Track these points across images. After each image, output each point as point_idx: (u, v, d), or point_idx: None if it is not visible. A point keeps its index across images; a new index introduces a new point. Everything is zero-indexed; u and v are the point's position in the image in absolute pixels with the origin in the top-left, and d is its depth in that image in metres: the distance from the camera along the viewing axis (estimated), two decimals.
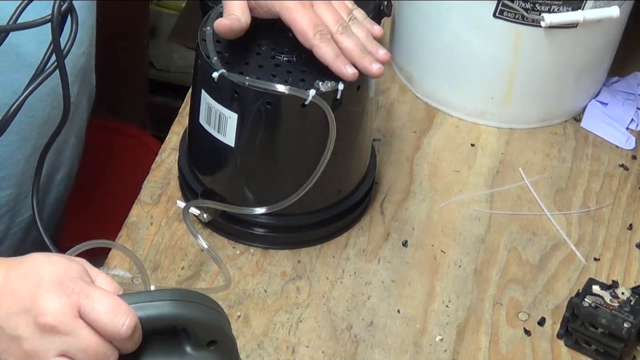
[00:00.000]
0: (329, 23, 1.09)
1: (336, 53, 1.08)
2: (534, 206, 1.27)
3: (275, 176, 1.14)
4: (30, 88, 0.97)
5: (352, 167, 1.19)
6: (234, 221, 1.17)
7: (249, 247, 1.18)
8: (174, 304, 0.82)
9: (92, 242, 0.97)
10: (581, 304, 1.10)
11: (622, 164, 1.34)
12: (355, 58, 1.09)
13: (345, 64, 1.08)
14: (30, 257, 0.84)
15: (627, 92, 1.42)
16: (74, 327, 0.80)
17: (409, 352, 1.10)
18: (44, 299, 0.80)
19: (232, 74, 1.08)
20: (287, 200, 1.12)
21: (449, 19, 1.31)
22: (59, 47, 0.95)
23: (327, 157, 1.10)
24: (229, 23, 1.08)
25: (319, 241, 1.20)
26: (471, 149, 1.34)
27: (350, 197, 1.20)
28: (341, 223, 1.20)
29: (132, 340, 0.81)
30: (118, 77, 1.97)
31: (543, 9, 1.25)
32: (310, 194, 1.12)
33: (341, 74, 1.08)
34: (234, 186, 1.16)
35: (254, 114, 1.09)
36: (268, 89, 1.07)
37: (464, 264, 1.20)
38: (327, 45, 1.08)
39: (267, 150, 1.13)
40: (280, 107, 1.09)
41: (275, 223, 1.17)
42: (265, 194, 1.15)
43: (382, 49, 1.11)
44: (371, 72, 1.09)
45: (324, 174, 1.11)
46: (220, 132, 1.12)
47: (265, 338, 1.10)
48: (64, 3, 0.95)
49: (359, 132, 1.16)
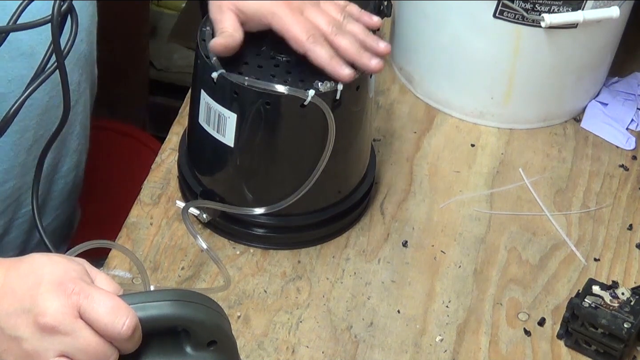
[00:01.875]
0: (322, 25, 1.09)
1: (330, 55, 1.08)
2: (534, 206, 1.27)
3: (274, 176, 1.14)
4: (31, 89, 0.97)
5: (351, 167, 1.19)
6: (233, 221, 1.17)
7: (249, 248, 1.18)
8: (174, 304, 0.82)
9: (91, 243, 0.97)
10: (581, 304, 1.10)
11: (622, 164, 1.34)
12: (353, 56, 1.09)
13: (341, 65, 1.08)
14: (30, 257, 0.84)
15: (627, 92, 1.42)
16: (74, 328, 0.80)
17: (409, 352, 1.10)
18: (44, 299, 0.80)
19: (231, 74, 1.08)
20: (286, 201, 1.12)
21: (449, 19, 1.31)
22: (59, 48, 0.96)
23: (326, 158, 1.10)
24: (224, 41, 1.09)
25: (319, 241, 1.20)
26: (471, 149, 1.34)
27: (350, 197, 1.20)
28: (341, 223, 1.20)
29: (132, 341, 0.81)
30: (118, 77, 1.96)
31: (543, 9, 1.25)
32: (310, 194, 1.12)
33: (337, 75, 1.08)
34: (233, 186, 1.16)
35: (253, 114, 1.09)
36: (267, 89, 1.07)
37: (464, 264, 1.20)
38: (321, 48, 1.08)
39: (266, 150, 1.13)
40: (279, 107, 1.09)
41: (275, 223, 1.17)
42: (264, 194, 1.14)
43: (382, 42, 1.11)
44: (371, 68, 1.09)
45: (323, 174, 1.12)
46: (220, 132, 1.12)
47: (265, 338, 1.10)
48: (64, 3, 0.95)
49: (358, 132, 1.16)
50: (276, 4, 1.09)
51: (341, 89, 1.08)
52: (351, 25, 1.11)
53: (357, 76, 1.10)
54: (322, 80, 1.08)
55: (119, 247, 1.09)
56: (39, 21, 0.95)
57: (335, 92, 1.08)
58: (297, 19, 1.09)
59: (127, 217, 1.20)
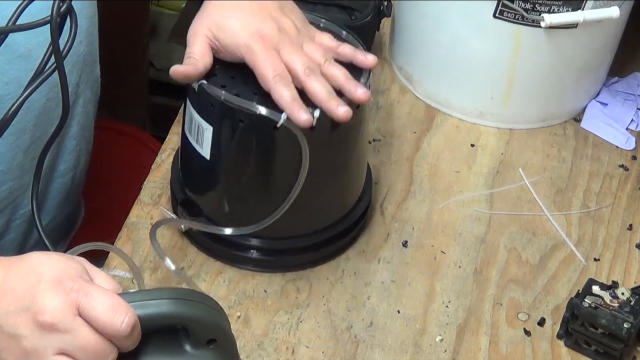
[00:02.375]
0: (295, 66, 1.06)
1: (292, 97, 1.04)
2: (533, 206, 1.27)
3: (248, 196, 1.11)
4: (30, 89, 0.97)
5: (340, 192, 1.15)
6: (218, 241, 1.14)
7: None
8: (173, 303, 0.82)
9: (89, 245, 0.97)
10: (581, 304, 1.10)
11: (622, 164, 1.34)
12: (321, 101, 1.05)
13: (299, 109, 1.03)
14: (30, 255, 0.84)
15: (627, 92, 1.42)
16: (73, 325, 0.80)
17: (409, 353, 1.10)
18: (43, 297, 0.80)
19: (211, 86, 1.06)
20: (257, 225, 1.08)
21: (448, 19, 1.31)
22: (58, 49, 0.95)
23: (300, 183, 1.05)
24: (184, 70, 1.07)
25: (311, 265, 1.16)
26: (471, 149, 1.34)
27: (343, 220, 1.16)
28: (334, 246, 1.17)
29: (131, 339, 0.81)
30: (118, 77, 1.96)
31: (543, 10, 1.25)
32: (294, 218, 1.09)
33: (294, 119, 1.03)
34: (210, 200, 1.13)
35: (227, 130, 1.06)
36: (242, 106, 1.04)
37: (464, 264, 1.20)
38: (283, 88, 1.04)
39: (239, 168, 1.10)
40: (252, 126, 1.05)
41: (263, 245, 1.14)
42: (238, 214, 1.11)
43: (360, 88, 1.06)
44: (337, 115, 1.05)
45: (308, 198, 1.08)
46: (199, 143, 1.09)
47: (265, 338, 1.10)
48: (63, 4, 0.94)
49: (348, 156, 1.13)
50: (253, 39, 1.06)
51: (317, 116, 1.04)
52: (333, 69, 1.08)
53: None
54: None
55: (116, 250, 1.07)
56: (38, 22, 0.95)
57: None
58: (270, 56, 1.06)
59: (127, 217, 1.20)
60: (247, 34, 1.07)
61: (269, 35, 1.07)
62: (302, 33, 1.10)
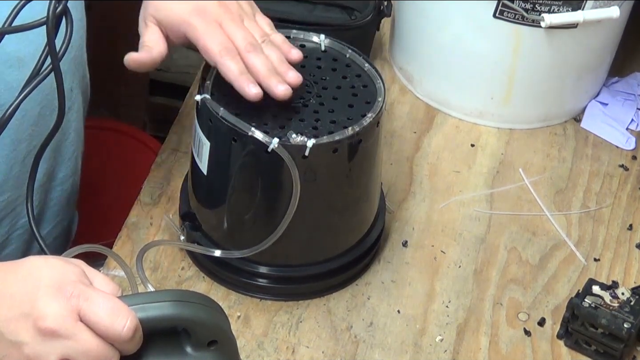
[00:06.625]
0: (238, 41, 1.05)
1: (241, 70, 1.03)
2: (533, 206, 1.27)
3: (242, 217, 1.09)
4: (26, 91, 0.96)
5: (347, 221, 1.12)
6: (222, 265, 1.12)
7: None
8: (174, 305, 0.82)
9: (85, 246, 0.96)
10: (581, 304, 1.10)
11: (622, 164, 1.34)
12: (261, 77, 1.04)
13: (249, 82, 1.03)
14: (28, 260, 0.84)
15: (627, 92, 1.42)
16: (74, 331, 0.80)
17: (409, 352, 1.10)
18: (43, 302, 0.80)
19: (212, 102, 1.04)
20: (250, 250, 1.07)
21: (449, 19, 1.31)
22: (54, 50, 0.94)
23: (292, 212, 1.04)
24: (137, 57, 1.06)
25: (319, 294, 1.14)
26: (471, 149, 1.34)
27: (353, 249, 1.14)
28: (344, 276, 1.15)
29: (133, 342, 0.81)
30: (118, 77, 1.96)
31: (543, 10, 1.25)
32: (297, 246, 1.08)
33: (243, 93, 1.03)
34: (208, 216, 1.12)
35: (223, 147, 1.05)
36: (236, 125, 1.02)
37: (464, 264, 1.20)
38: (232, 61, 1.03)
39: (234, 188, 1.08)
40: (246, 147, 1.03)
41: (268, 273, 1.12)
42: (238, 235, 1.10)
43: (292, 71, 1.06)
44: (275, 93, 1.04)
45: (308, 225, 1.07)
46: (199, 157, 1.09)
47: (265, 338, 1.10)
48: (59, 5, 0.94)
49: (357, 185, 1.10)
50: (192, 14, 1.05)
51: (310, 146, 1.01)
52: (268, 49, 1.07)
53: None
54: (299, 133, 1.02)
55: (111, 254, 1.05)
56: (34, 23, 0.94)
57: (304, 148, 1.01)
58: (212, 31, 1.05)
59: (127, 217, 1.20)
60: (186, 10, 1.06)
61: (208, 9, 1.06)
62: (245, 10, 1.09)
